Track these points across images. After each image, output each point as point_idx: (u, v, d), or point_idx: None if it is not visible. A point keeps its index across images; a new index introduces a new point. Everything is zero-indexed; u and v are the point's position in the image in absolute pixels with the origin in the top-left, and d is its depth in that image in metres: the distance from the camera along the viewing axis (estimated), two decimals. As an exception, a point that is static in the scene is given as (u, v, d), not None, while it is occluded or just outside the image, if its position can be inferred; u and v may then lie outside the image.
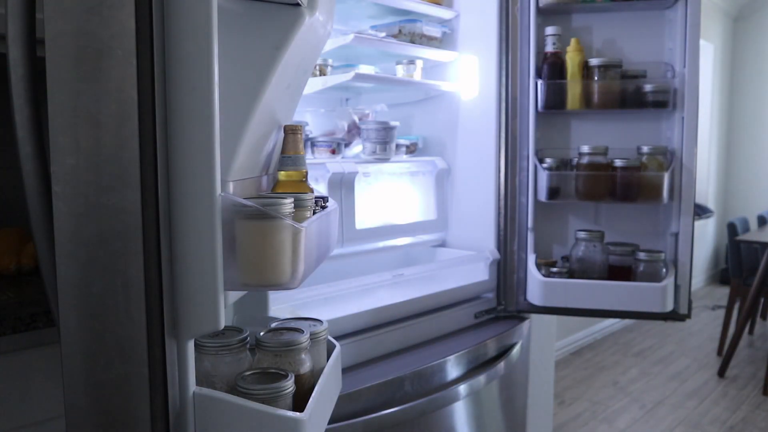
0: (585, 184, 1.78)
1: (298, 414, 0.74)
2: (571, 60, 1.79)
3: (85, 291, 0.61)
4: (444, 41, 1.92)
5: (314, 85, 1.62)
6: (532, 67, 1.81)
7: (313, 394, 0.81)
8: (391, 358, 1.44)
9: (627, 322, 4.31)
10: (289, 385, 0.77)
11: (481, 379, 1.52)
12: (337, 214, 1.04)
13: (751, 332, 4.28)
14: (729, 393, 3.28)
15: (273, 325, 0.94)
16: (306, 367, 0.85)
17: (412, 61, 1.84)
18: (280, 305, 1.24)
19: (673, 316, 1.79)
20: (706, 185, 5.66)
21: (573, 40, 1.81)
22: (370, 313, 1.44)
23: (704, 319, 4.66)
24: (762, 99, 6.00)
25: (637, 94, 1.79)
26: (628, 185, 1.75)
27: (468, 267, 1.79)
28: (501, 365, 1.59)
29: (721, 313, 4.27)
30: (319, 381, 0.86)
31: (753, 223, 4.74)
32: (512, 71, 1.79)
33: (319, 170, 1.56)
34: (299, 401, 0.78)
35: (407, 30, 1.81)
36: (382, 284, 1.54)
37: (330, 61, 1.71)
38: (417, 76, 1.84)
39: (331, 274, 1.70)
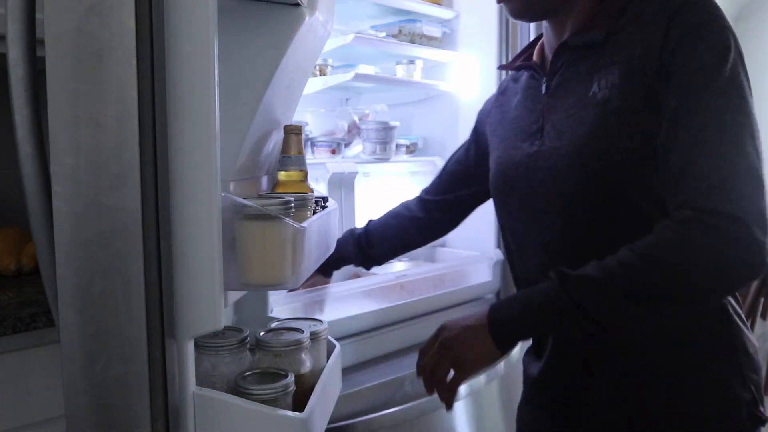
0: (585, 184, 1.78)
1: (298, 414, 0.74)
2: (571, 60, 1.79)
3: (85, 291, 0.61)
4: (444, 41, 1.92)
5: (314, 85, 1.63)
6: (532, 67, 1.81)
7: (313, 394, 0.81)
8: (391, 358, 1.44)
9: (627, 322, 4.30)
10: (289, 385, 0.77)
11: (481, 379, 1.52)
12: (337, 214, 1.04)
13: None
14: (729, 393, 3.27)
15: (273, 325, 0.94)
16: (306, 367, 0.85)
17: (412, 61, 1.84)
18: (282, 306, 1.24)
19: (673, 316, 1.78)
20: (706, 185, 5.65)
21: (573, 40, 1.81)
22: (372, 315, 1.44)
23: (704, 319, 4.65)
24: (762, 99, 5.99)
25: (637, 94, 1.79)
26: (628, 185, 1.75)
27: (470, 267, 1.79)
28: (501, 365, 1.59)
29: (721, 313, 4.26)
30: (319, 381, 0.86)
31: (753, 223, 4.73)
32: (512, 71, 1.79)
33: (319, 170, 1.56)
34: (299, 401, 0.78)
35: (407, 30, 1.81)
36: (386, 285, 1.54)
37: (330, 61, 1.71)
38: (417, 76, 1.84)
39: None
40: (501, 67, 1.12)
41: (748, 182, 0.73)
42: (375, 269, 1.77)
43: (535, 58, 1.01)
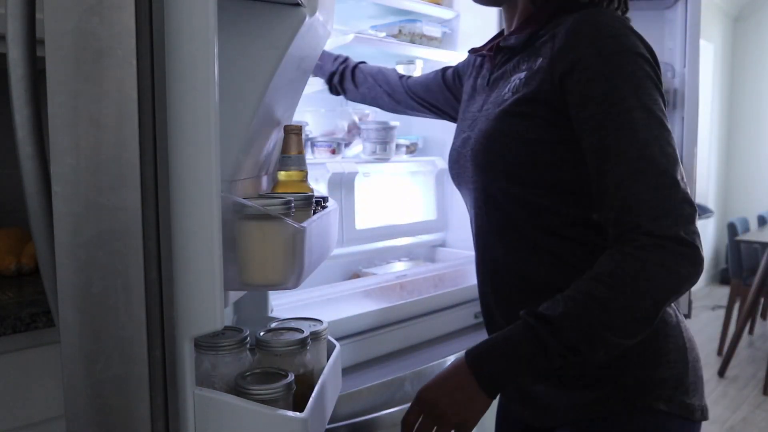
0: (585, 184, 1.78)
1: (298, 414, 0.74)
2: (571, 60, 1.79)
3: (85, 291, 0.61)
4: (444, 41, 1.92)
5: (314, 85, 1.62)
6: (532, 67, 1.81)
7: (313, 394, 0.81)
8: (391, 358, 1.44)
9: (627, 322, 4.30)
10: (289, 385, 0.77)
11: (481, 379, 1.52)
12: (337, 214, 1.05)
13: (751, 332, 4.28)
14: (729, 393, 3.28)
15: (273, 325, 0.94)
16: (306, 367, 0.85)
17: (412, 61, 1.84)
18: (281, 301, 1.24)
19: (673, 316, 1.78)
20: (706, 185, 5.67)
21: (573, 40, 1.81)
22: (372, 315, 1.44)
23: (704, 319, 4.66)
24: (762, 99, 6.00)
25: (637, 94, 1.79)
26: (628, 185, 1.75)
27: (470, 267, 1.79)
28: (501, 365, 1.59)
29: (721, 313, 4.27)
30: (319, 381, 0.86)
31: (753, 223, 4.74)
32: (512, 71, 1.79)
33: (319, 170, 1.56)
34: (299, 401, 0.78)
35: (407, 30, 1.81)
36: (386, 285, 1.54)
37: (330, 61, 1.71)
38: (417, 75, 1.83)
39: (331, 274, 1.70)
40: (471, 51, 1.14)
41: (685, 206, 0.79)
42: (375, 269, 1.77)
43: None
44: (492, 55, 1.03)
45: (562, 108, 0.85)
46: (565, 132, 0.86)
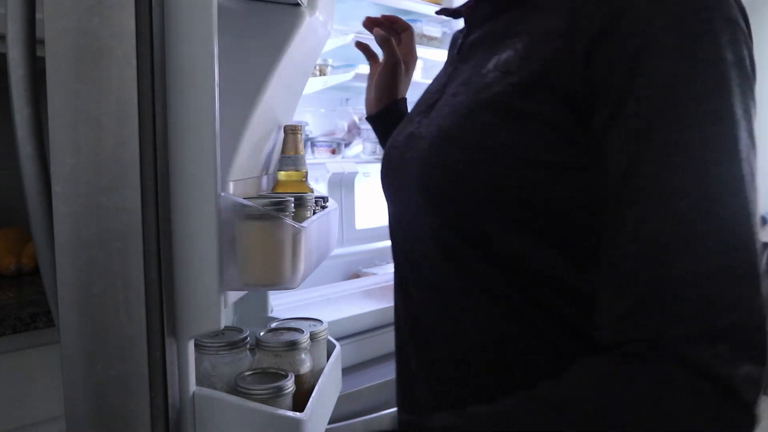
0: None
1: (298, 414, 0.74)
2: (571, 60, 1.79)
3: (85, 291, 0.61)
4: (444, 41, 1.92)
5: (314, 85, 1.63)
6: (532, 67, 1.81)
7: (313, 394, 0.81)
8: (391, 358, 1.44)
9: (627, 322, 4.30)
10: (289, 385, 0.77)
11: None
12: (337, 214, 1.04)
13: (751, 332, 4.27)
14: (729, 393, 3.27)
15: (273, 325, 0.94)
16: (306, 367, 0.85)
17: (412, 61, 1.83)
18: (281, 301, 1.24)
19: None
20: (706, 185, 5.65)
21: (573, 40, 1.81)
22: (372, 315, 1.44)
23: (704, 319, 4.66)
24: (762, 99, 5.99)
25: (637, 94, 1.78)
26: (628, 185, 1.75)
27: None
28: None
29: (721, 313, 4.26)
30: (319, 381, 0.86)
31: (753, 223, 4.73)
32: (512, 71, 1.79)
33: (319, 170, 1.56)
34: (299, 401, 0.78)
35: (407, 30, 1.81)
36: (385, 285, 1.54)
37: (330, 61, 1.71)
38: (417, 76, 1.84)
39: (331, 274, 1.70)
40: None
41: (757, 305, 0.42)
42: (375, 269, 1.77)
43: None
44: (471, 13, 0.68)
45: (583, 102, 0.49)
46: (581, 148, 0.51)
